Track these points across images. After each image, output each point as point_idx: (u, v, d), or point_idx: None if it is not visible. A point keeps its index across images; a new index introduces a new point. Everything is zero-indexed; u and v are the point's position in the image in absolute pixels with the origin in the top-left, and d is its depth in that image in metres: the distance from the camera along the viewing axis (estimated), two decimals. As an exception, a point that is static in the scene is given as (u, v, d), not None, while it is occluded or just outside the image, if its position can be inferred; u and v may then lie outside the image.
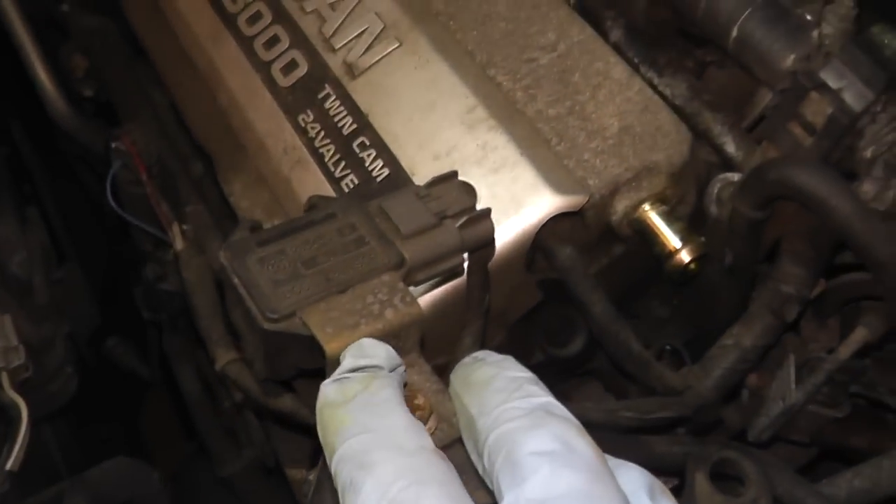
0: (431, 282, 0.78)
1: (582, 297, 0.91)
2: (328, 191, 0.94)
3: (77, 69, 1.53)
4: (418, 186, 0.78)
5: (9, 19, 1.47)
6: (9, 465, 0.87)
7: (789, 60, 0.89)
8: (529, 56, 0.97)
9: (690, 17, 0.98)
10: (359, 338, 0.63)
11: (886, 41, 1.10)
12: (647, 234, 0.91)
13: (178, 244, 1.00)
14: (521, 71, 0.96)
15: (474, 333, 0.84)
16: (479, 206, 0.89)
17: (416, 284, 0.77)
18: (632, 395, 1.04)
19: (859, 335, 0.92)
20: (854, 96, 0.86)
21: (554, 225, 0.90)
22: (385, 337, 0.67)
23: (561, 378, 1.13)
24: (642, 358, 0.91)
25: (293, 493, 1.04)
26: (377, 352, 0.60)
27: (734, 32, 0.92)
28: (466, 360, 0.60)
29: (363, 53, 0.98)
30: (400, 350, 0.67)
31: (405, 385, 0.64)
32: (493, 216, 0.88)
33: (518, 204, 0.88)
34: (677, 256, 0.90)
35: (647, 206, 0.91)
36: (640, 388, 0.98)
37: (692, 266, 0.91)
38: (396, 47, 0.98)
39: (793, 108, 0.88)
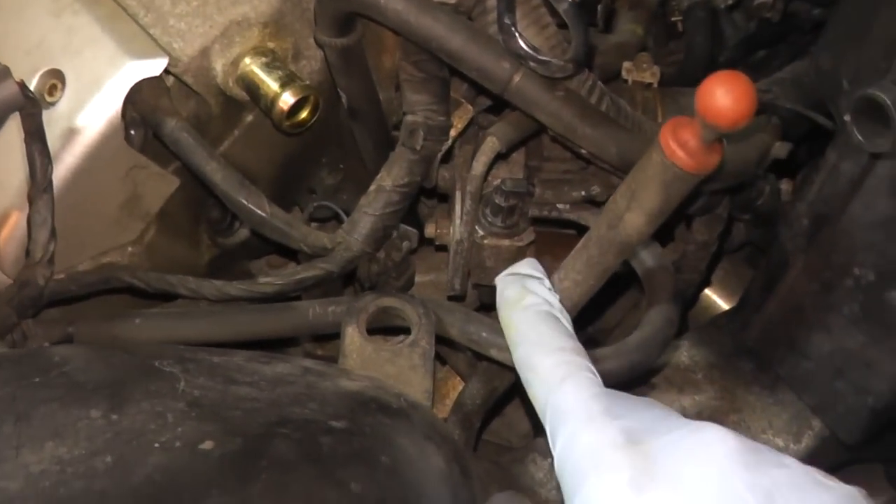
0: None
1: (199, 167, 0.86)
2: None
3: None
4: None
5: None
6: None
7: None
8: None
9: None
10: None
11: None
12: (251, 89, 0.87)
13: None
14: (110, -47, 0.92)
15: (42, 210, 0.79)
16: (69, 92, 0.87)
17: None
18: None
19: (488, 146, 0.87)
20: None
21: (153, 99, 0.86)
22: None
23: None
24: (279, 219, 0.87)
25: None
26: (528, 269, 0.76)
27: None
28: None
29: (-45, -32, 0.95)
30: None
31: None
32: (82, 97, 0.86)
33: (101, 79, 0.85)
34: (279, 102, 0.85)
35: (247, 60, 0.87)
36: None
37: (303, 115, 0.87)
38: (-14, -46, 0.95)
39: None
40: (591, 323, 1.19)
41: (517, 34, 0.76)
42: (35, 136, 0.78)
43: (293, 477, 0.52)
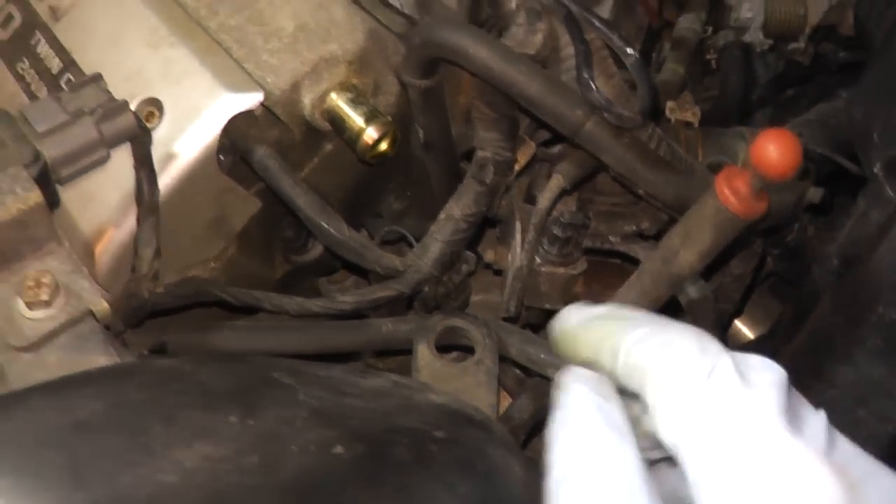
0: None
1: (285, 193, 0.93)
2: (39, 131, 0.98)
3: None
4: (62, 92, 0.82)
5: None
6: None
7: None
8: (212, -25, 1.01)
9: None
10: None
11: None
12: (336, 122, 0.95)
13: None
14: (204, -10, 1.00)
15: (148, 230, 0.87)
16: (167, 119, 0.94)
17: (64, 182, 0.81)
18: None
19: (554, 183, 0.95)
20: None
21: (244, 127, 0.93)
22: (13, 224, 0.72)
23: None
24: (355, 242, 0.94)
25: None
26: None
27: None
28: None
29: (62, -4, 1.03)
30: (36, 240, 0.72)
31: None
32: (180, 125, 0.93)
33: (198, 109, 0.92)
34: (364, 136, 0.93)
35: (333, 95, 0.95)
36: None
37: (383, 147, 0.94)
38: (90, -15, 1.02)
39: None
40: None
41: (594, 87, 0.84)
42: (144, 163, 0.86)
43: (414, 480, 0.59)
